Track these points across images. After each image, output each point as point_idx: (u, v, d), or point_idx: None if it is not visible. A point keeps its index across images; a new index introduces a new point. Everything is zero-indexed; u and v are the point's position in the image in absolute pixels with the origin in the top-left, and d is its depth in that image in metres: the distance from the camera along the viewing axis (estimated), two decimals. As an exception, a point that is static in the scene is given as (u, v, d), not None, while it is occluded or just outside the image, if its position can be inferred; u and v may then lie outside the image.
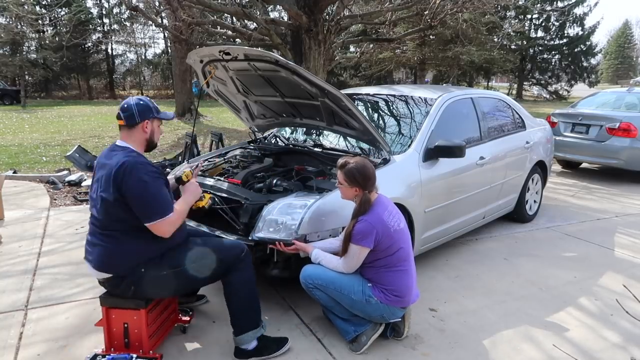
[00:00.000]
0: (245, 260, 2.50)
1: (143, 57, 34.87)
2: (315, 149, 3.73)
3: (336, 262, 2.58)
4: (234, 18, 14.58)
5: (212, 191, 3.17)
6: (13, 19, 21.58)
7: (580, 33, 29.52)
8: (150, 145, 2.40)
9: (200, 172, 3.52)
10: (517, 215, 4.85)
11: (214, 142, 6.45)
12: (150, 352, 2.41)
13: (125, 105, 2.32)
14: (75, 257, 3.83)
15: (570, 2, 28.66)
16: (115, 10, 30.87)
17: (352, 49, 20.36)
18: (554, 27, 29.67)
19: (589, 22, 31.67)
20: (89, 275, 3.49)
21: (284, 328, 2.82)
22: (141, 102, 2.35)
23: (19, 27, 22.45)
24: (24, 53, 26.29)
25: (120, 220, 2.23)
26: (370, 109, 4.21)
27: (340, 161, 2.58)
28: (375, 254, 2.50)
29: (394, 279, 2.53)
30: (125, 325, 2.40)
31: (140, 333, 2.40)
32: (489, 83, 34.47)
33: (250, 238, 2.80)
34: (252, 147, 4.06)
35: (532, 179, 4.93)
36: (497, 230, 4.70)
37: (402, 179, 3.24)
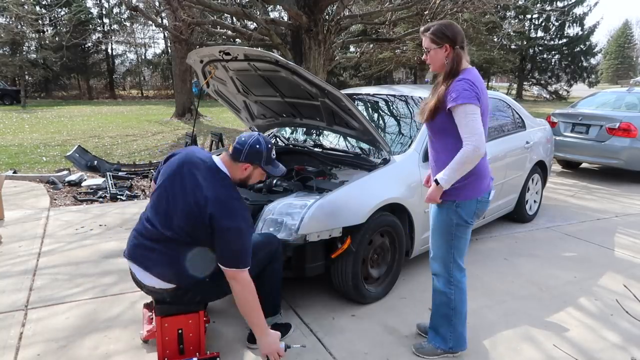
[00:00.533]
0: (279, 251, 2.59)
1: (143, 57, 34.92)
2: (315, 149, 3.73)
3: (458, 156, 2.19)
4: (234, 18, 14.57)
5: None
6: (13, 19, 21.55)
7: (580, 33, 29.55)
8: (241, 185, 2.35)
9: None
10: (517, 215, 4.85)
11: (214, 142, 6.45)
12: (207, 352, 2.41)
13: (242, 139, 2.27)
14: (75, 257, 3.83)
15: (570, 2, 28.68)
16: (115, 10, 30.90)
17: (352, 49, 20.35)
18: (553, 27, 29.69)
19: (588, 22, 31.76)
20: (88, 275, 3.49)
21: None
22: (256, 147, 2.26)
23: (19, 27, 22.43)
24: (24, 53, 26.31)
25: (203, 238, 2.17)
26: (370, 109, 4.21)
27: (423, 27, 2.32)
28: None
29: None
30: (180, 331, 2.32)
31: (196, 336, 2.36)
32: (489, 83, 34.48)
33: (250, 238, 2.80)
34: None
35: (532, 179, 4.94)
36: (497, 230, 4.70)
37: (402, 179, 3.24)
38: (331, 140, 4.00)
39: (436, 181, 2.27)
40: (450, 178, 2.22)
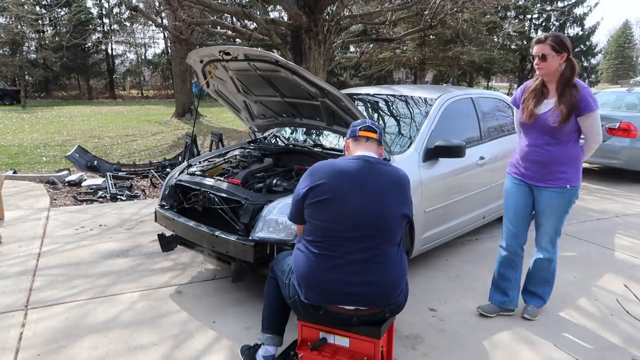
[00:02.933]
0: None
1: (143, 57, 34.94)
2: (315, 149, 3.73)
3: (593, 146, 2.79)
4: (234, 18, 14.57)
5: (212, 191, 3.17)
6: (13, 19, 21.56)
7: (580, 33, 29.54)
8: None
9: (200, 172, 3.52)
10: (517, 215, 4.84)
11: (214, 142, 6.45)
12: None
13: (377, 124, 2.31)
14: (75, 257, 3.83)
15: (570, 2, 28.68)
16: (115, 10, 30.92)
17: (352, 49, 20.36)
18: (554, 27, 29.67)
19: (589, 22, 31.68)
20: (88, 276, 3.49)
21: (286, 329, 2.81)
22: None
23: (19, 27, 22.45)
24: (24, 53, 26.29)
25: (399, 235, 2.09)
26: (370, 109, 4.21)
27: (537, 37, 2.65)
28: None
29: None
30: (382, 348, 2.15)
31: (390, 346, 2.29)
32: (489, 83, 34.45)
33: (250, 238, 2.80)
34: (252, 147, 4.06)
35: (532, 179, 4.92)
36: (497, 230, 4.69)
37: (402, 179, 3.23)
38: (331, 140, 3.99)
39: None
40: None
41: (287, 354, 2.41)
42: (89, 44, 29.54)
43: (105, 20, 31.37)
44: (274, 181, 3.16)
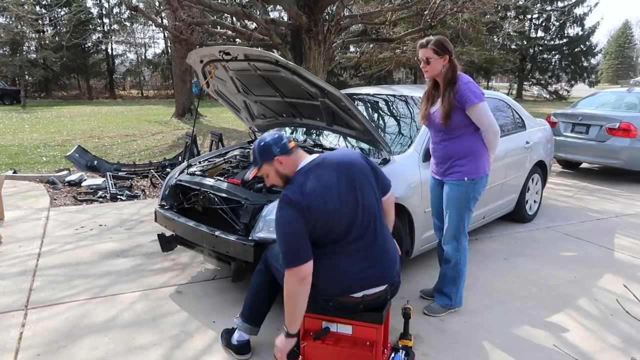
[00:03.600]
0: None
1: (143, 57, 34.92)
2: (315, 149, 3.73)
3: (489, 140, 2.80)
4: (234, 18, 14.57)
5: (212, 191, 3.17)
6: (13, 19, 21.56)
7: (580, 33, 29.52)
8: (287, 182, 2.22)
9: (200, 172, 3.52)
10: (517, 215, 4.85)
11: (213, 142, 6.45)
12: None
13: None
14: (75, 257, 3.83)
15: (570, 2, 28.67)
16: (115, 10, 30.92)
17: (352, 49, 20.36)
18: (554, 27, 29.67)
19: (589, 22, 31.84)
20: (88, 276, 3.49)
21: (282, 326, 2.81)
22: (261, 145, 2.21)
23: (19, 27, 22.44)
24: (24, 53, 26.27)
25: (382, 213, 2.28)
26: (370, 109, 4.21)
27: (420, 42, 2.74)
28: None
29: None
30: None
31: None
32: (489, 83, 34.46)
33: (250, 238, 2.80)
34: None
35: (532, 179, 4.93)
36: (497, 230, 4.69)
37: (402, 179, 3.23)
38: (331, 140, 3.99)
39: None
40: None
41: None
42: (89, 44, 29.54)
43: (105, 20, 31.38)
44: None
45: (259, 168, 2.20)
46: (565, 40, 29.74)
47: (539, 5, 28.57)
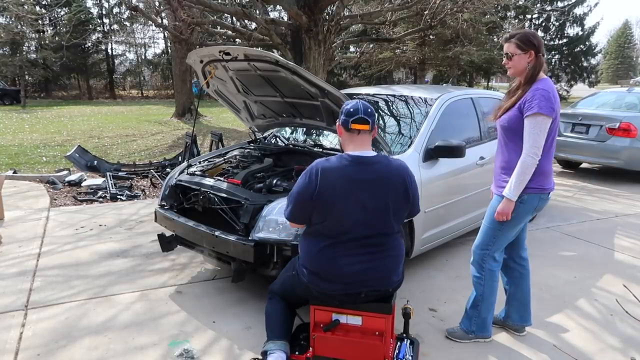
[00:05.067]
0: None
1: (143, 57, 34.92)
2: (315, 149, 3.73)
3: (517, 167, 2.38)
4: (234, 18, 14.57)
5: (212, 191, 3.17)
6: (13, 19, 21.55)
7: (580, 33, 29.50)
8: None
9: (200, 172, 3.52)
10: (517, 215, 4.84)
11: (214, 142, 6.45)
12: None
13: (370, 110, 2.19)
14: (75, 257, 3.83)
15: (570, 2, 28.66)
16: (115, 10, 30.91)
17: (352, 49, 20.36)
18: (554, 27, 29.65)
19: (589, 22, 31.76)
20: (88, 276, 3.49)
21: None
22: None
23: (19, 27, 22.42)
24: (24, 53, 26.27)
25: (397, 225, 2.24)
26: (370, 109, 4.20)
27: (505, 35, 2.53)
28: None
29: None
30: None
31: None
32: (489, 83, 34.44)
33: (250, 238, 2.79)
34: (252, 147, 4.06)
35: (532, 179, 4.92)
36: (497, 230, 4.69)
37: (402, 179, 3.23)
38: (331, 140, 3.99)
39: (503, 196, 2.44)
40: (517, 190, 2.40)
41: (296, 337, 2.43)
42: (89, 44, 29.53)
43: (105, 20, 31.36)
44: (274, 181, 3.15)
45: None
46: (565, 40, 29.72)
47: (539, 5, 28.55)
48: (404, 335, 2.47)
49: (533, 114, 2.32)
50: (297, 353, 2.30)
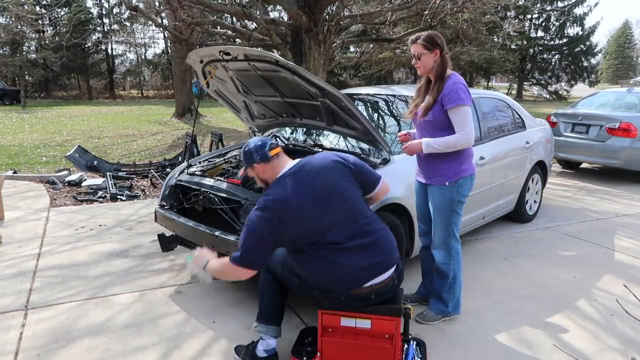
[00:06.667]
0: None
1: (143, 57, 34.90)
2: (315, 149, 3.72)
3: (454, 137, 2.60)
4: (234, 18, 14.57)
5: (212, 191, 3.17)
6: (13, 19, 21.55)
7: (580, 33, 29.52)
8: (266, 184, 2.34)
9: (200, 172, 3.52)
10: (517, 215, 4.85)
11: (214, 142, 6.45)
12: None
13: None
14: (75, 257, 3.83)
15: (570, 2, 28.67)
16: (115, 10, 30.89)
17: (352, 49, 20.35)
18: (554, 27, 29.67)
19: (589, 22, 31.73)
20: (88, 276, 3.49)
21: (284, 328, 2.80)
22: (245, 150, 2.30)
23: (19, 27, 22.43)
24: (24, 53, 26.26)
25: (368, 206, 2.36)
26: (370, 109, 4.21)
27: (411, 37, 2.69)
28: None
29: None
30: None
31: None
32: (489, 83, 34.46)
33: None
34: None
35: (532, 179, 4.93)
36: (497, 230, 4.69)
37: (402, 179, 3.23)
38: (331, 140, 3.99)
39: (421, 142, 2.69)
40: (434, 149, 2.65)
41: (302, 342, 2.43)
42: (89, 44, 29.52)
43: (105, 20, 31.35)
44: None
45: (245, 170, 2.35)
46: (565, 40, 29.74)
47: (538, 5, 28.57)
48: (410, 336, 2.46)
49: (458, 106, 2.58)
50: (304, 359, 2.29)
